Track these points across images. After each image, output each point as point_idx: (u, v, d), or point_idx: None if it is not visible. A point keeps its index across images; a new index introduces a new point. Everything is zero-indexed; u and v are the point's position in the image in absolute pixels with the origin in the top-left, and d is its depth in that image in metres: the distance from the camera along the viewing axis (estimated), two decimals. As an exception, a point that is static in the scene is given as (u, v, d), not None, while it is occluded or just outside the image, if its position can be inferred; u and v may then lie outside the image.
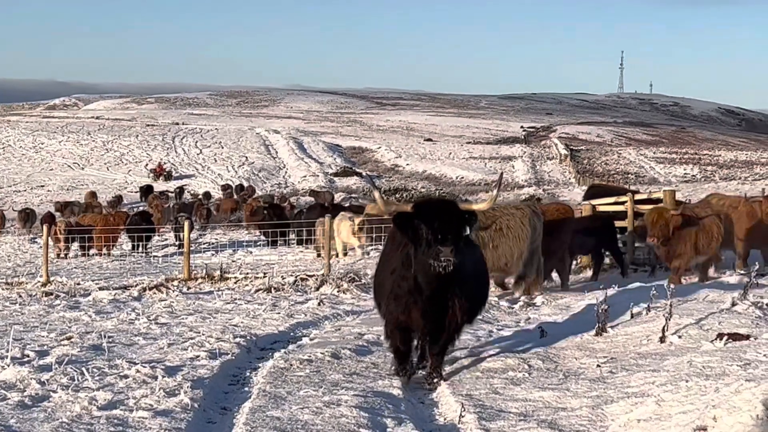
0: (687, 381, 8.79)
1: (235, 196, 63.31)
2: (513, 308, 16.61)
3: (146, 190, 69.27)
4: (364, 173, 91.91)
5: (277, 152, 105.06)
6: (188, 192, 73.42)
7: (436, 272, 9.58)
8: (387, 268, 10.69)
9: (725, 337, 10.59)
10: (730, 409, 7.31)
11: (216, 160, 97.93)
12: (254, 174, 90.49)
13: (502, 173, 15.10)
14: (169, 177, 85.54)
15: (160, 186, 76.81)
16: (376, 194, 10.77)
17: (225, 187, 73.37)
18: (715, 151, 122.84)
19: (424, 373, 10.72)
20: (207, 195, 67.13)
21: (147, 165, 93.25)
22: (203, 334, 13.58)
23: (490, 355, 11.55)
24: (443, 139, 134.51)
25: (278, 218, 36.11)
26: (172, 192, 70.07)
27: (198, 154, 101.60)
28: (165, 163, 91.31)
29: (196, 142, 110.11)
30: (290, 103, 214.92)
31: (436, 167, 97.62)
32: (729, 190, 46.18)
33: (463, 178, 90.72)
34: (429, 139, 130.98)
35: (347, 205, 47.54)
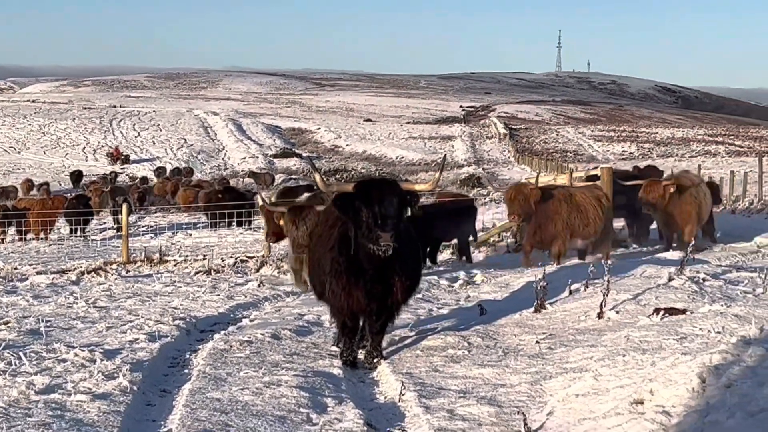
0: (624, 356, 8.86)
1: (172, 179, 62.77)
2: (453, 287, 16.65)
3: (77, 176, 68.53)
4: (303, 154, 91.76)
5: (216, 134, 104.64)
6: (127, 176, 72.84)
7: (376, 255, 9.57)
8: (324, 247, 10.63)
9: (662, 312, 10.69)
10: (666, 383, 7.39)
11: (154, 143, 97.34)
12: (193, 156, 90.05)
13: (445, 155, 14.99)
14: (126, 161, 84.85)
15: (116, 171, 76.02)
16: (317, 176, 10.72)
17: (159, 170, 72.88)
18: (652, 128, 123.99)
19: (364, 352, 10.72)
20: (144, 180, 66.59)
21: (84, 148, 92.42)
22: (142, 317, 13.48)
23: (430, 334, 11.57)
24: (383, 119, 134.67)
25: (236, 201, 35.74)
26: (121, 174, 69.47)
27: (136, 137, 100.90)
28: (120, 146, 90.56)
29: (134, 124, 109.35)
30: (229, 85, 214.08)
31: (375, 147, 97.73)
32: (666, 167, 46.50)
33: (403, 158, 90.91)
34: (369, 120, 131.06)
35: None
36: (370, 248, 9.51)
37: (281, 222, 15.82)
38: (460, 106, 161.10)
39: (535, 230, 19.44)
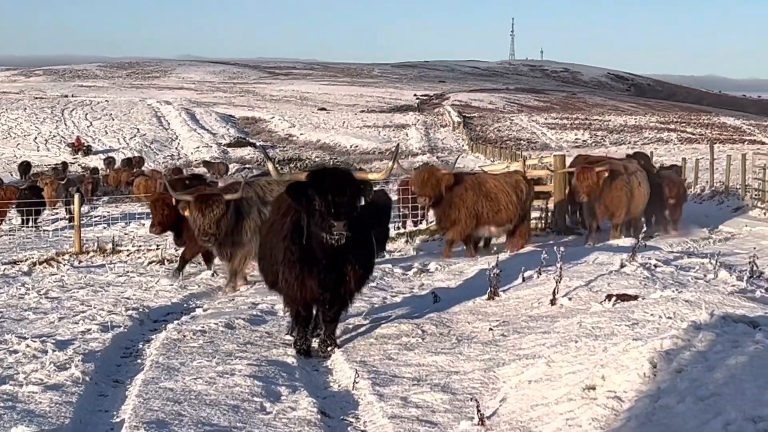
0: (576, 342, 8.92)
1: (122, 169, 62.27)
2: (407, 275, 16.67)
3: (25, 167, 67.86)
4: (257, 143, 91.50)
5: (169, 123, 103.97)
6: (80, 166, 72.27)
7: (329, 244, 9.56)
8: (276, 236, 10.60)
9: (614, 298, 10.76)
10: (618, 368, 7.44)
11: (107, 133, 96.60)
12: (146, 146, 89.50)
13: (398, 145, 14.93)
14: (88, 151, 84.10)
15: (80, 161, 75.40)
16: (270, 165, 10.69)
17: (108, 160, 72.41)
18: (605, 116, 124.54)
19: (318, 341, 10.72)
20: (95, 170, 66.11)
21: (36, 138, 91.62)
22: (95, 308, 13.42)
23: (384, 322, 11.59)
24: (337, 108, 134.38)
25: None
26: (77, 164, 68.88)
27: (88, 127, 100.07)
28: (82, 137, 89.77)
29: (86, 114, 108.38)
30: (182, 74, 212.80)
31: (330, 136, 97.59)
32: (620, 154, 46.78)
33: (357, 146, 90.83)
34: (323, 109, 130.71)
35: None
36: (324, 237, 9.49)
37: (186, 212, 15.63)
38: (414, 95, 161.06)
39: (441, 216, 19.40)
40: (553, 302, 11.33)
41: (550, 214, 25.06)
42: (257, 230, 15.05)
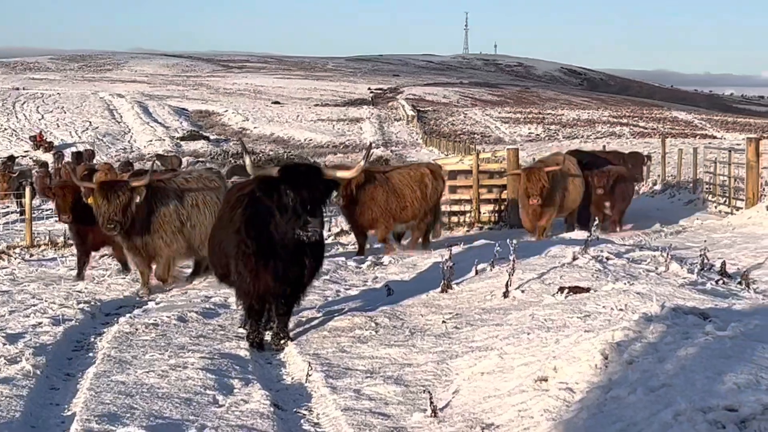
0: (529, 334, 8.96)
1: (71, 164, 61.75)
2: (360, 268, 16.65)
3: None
4: (211, 136, 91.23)
5: (121, 116, 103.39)
6: (31, 159, 71.68)
7: (299, 239, 9.56)
8: (226, 229, 10.58)
9: (566, 291, 10.82)
10: (570, 360, 7.48)
11: (59, 126, 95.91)
12: (99, 139, 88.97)
13: (371, 144, 14.65)
14: (50, 147, 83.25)
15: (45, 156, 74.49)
16: (247, 159, 10.60)
17: (57, 155, 71.75)
18: (558, 110, 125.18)
19: (271, 334, 10.70)
20: (44, 164, 65.54)
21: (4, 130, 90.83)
22: (46, 301, 13.30)
23: (338, 315, 11.57)
24: (291, 101, 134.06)
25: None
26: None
27: (40, 120, 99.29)
28: (44, 132, 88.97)
29: (38, 107, 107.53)
30: (134, 67, 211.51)
31: (284, 130, 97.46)
32: (572, 148, 47.03)
33: (311, 140, 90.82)
34: (277, 102, 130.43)
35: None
36: (297, 233, 9.49)
37: (90, 200, 15.24)
38: (369, 89, 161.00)
39: (357, 216, 19.01)
40: (506, 295, 11.36)
41: (503, 207, 25.15)
42: (179, 230, 14.90)
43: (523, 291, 11.45)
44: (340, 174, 10.54)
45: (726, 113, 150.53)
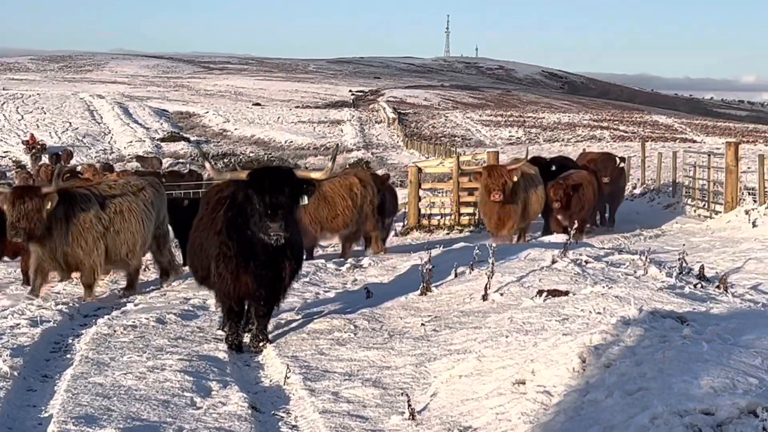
0: (507, 337, 8.97)
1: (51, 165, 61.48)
2: (340, 270, 16.63)
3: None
4: (192, 138, 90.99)
5: (102, 118, 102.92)
6: (10, 159, 71.41)
7: (268, 244, 9.56)
8: (207, 230, 10.56)
9: (545, 294, 10.84)
10: (548, 363, 7.50)
11: (38, 126, 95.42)
12: (79, 140, 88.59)
13: (338, 144, 14.56)
14: (43, 149, 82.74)
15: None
16: (207, 164, 10.60)
17: (35, 156, 71.49)
18: (539, 113, 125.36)
19: (249, 336, 10.69)
20: (22, 165, 65.30)
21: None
22: (24, 302, 13.26)
23: (317, 317, 11.57)
24: (272, 103, 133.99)
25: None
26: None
27: (19, 120, 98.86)
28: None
29: (18, 107, 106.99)
30: (115, 68, 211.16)
31: (264, 132, 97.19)
32: (552, 152, 47.10)
33: (292, 142, 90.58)
34: (257, 104, 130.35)
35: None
36: (262, 237, 9.49)
37: (5, 207, 14.83)
38: (350, 91, 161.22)
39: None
40: (484, 298, 11.37)
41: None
42: (101, 236, 14.45)
43: (502, 294, 11.46)
44: (314, 175, 10.48)
45: (706, 117, 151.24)
